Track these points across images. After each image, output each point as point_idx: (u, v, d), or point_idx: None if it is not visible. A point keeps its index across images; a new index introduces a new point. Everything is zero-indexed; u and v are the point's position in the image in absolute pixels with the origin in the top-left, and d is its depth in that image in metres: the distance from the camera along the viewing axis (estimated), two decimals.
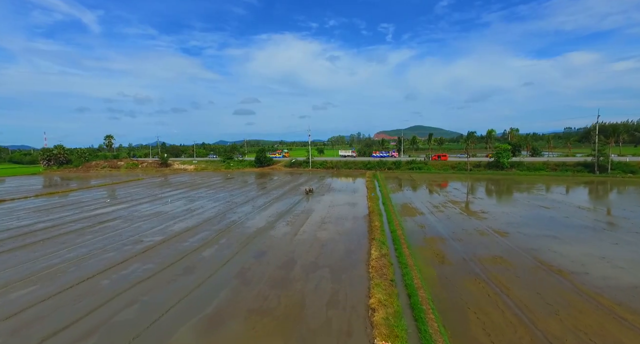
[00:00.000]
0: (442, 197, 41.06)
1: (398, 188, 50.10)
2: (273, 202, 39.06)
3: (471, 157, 72.29)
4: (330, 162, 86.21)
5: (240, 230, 26.81)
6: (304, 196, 44.15)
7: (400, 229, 25.62)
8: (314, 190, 49.94)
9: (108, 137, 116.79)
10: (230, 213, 33.46)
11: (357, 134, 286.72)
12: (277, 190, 49.75)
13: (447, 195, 42.46)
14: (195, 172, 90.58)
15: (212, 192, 48.26)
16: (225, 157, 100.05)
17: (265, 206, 37.10)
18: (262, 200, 40.82)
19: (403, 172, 73.71)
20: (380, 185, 51.42)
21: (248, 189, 50.96)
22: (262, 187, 53.31)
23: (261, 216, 32.07)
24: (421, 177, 63.73)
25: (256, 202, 39.12)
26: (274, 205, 37.41)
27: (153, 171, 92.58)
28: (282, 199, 41.16)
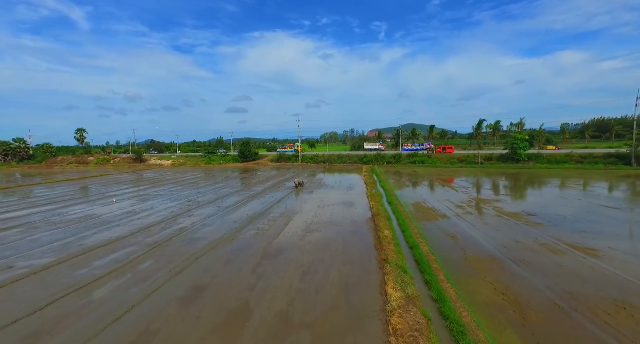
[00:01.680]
0: (462, 194, 32.70)
1: (403, 184, 41.66)
2: (247, 202, 30.26)
3: (481, 150, 64.26)
4: (322, 157, 77.49)
5: (183, 245, 17.94)
6: (292, 191, 35.82)
7: (423, 242, 17.09)
8: (304, 183, 41.74)
9: (80, 131, 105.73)
10: (183, 217, 24.53)
11: (350, 131, 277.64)
12: (257, 186, 40.89)
13: (466, 191, 34.14)
14: (172, 168, 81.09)
15: (176, 190, 39.18)
16: (206, 152, 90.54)
17: (235, 206, 28.28)
18: (233, 199, 31.98)
19: (405, 166, 65.38)
20: (381, 180, 42.93)
21: (222, 186, 42.00)
22: (239, 184, 44.40)
23: (224, 221, 23.23)
24: (427, 172, 55.44)
25: (225, 202, 30.28)
26: (248, 205, 28.62)
27: (125, 167, 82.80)
28: (259, 197, 32.37)
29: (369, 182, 41.29)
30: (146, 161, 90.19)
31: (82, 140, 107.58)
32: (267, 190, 37.77)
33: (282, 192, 36.07)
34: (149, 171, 72.77)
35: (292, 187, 39.06)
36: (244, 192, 36.61)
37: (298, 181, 40.90)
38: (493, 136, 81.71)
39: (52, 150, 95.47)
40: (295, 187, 38.93)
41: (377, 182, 42.74)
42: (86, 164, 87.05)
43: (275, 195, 33.88)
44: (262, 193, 35.40)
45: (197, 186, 42.95)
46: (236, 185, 43.01)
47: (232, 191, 37.71)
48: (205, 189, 39.69)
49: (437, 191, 35.11)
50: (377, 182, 42.59)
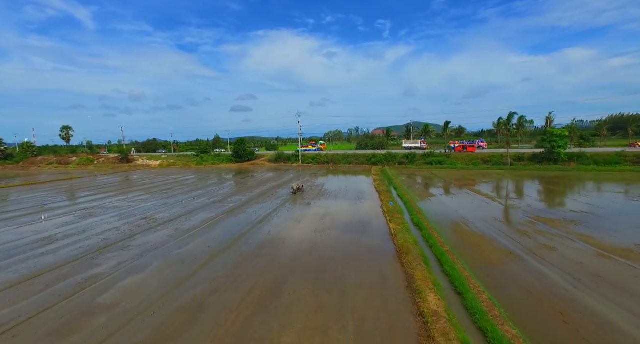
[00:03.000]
0: (511, 209, 24.21)
1: (424, 191, 33.21)
2: (219, 221, 22.14)
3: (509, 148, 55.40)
4: (325, 156, 69.10)
5: (50, 328, 9.79)
6: (285, 201, 27.94)
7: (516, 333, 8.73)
8: (304, 188, 34.80)
9: (65, 128, 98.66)
10: (113, 250, 16.43)
11: (355, 129, 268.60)
12: (242, 194, 32.75)
13: (515, 204, 25.62)
14: (159, 169, 73.41)
15: (140, 200, 31.20)
16: (198, 151, 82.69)
17: (199, 229, 20.18)
18: (203, 215, 23.87)
19: (419, 167, 56.78)
20: (396, 186, 34.57)
21: (199, 194, 33.93)
22: (222, 190, 36.29)
23: (166, 261, 15.06)
24: (447, 174, 46.87)
25: (189, 221, 22.20)
26: (216, 228, 20.49)
27: (108, 168, 75.31)
28: (239, 213, 24.22)
29: (382, 189, 32.91)
30: (133, 161, 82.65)
31: (67, 138, 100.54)
32: (253, 200, 29.59)
33: (272, 202, 27.88)
34: (132, 172, 65.11)
35: (285, 196, 30.91)
36: (222, 203, 28.47)
37: (297, 186, 33.43)
38: (517, 132, 72.46)
39: (34, 149, 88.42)
40: (293, 193, 32.34)
41: (392, 188, 34.40)
42: (67, 164, 79.72)
43: (261, 209, 25.69)
44: (244, 206, 27.22)
45: (170, 193, 34.92)
46: (217, 192, 34.88)
47: (208, 201, 29.59)
48: (177, 198, 31.64)
49: (474, 203, 26.63)
50: (391, 188, 34.24)
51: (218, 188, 38.27)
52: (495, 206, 25.40)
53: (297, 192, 33.19)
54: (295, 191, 33.06)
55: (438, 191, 32.65)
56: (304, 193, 33.11)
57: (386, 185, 36.48)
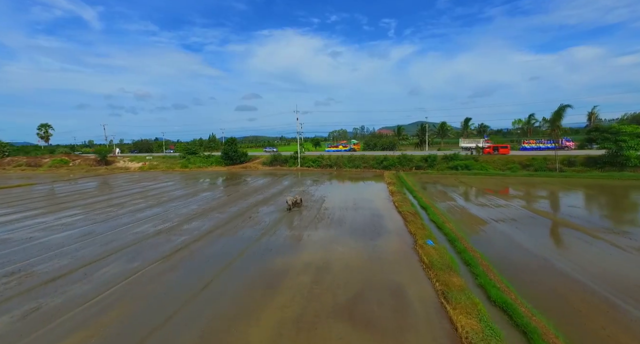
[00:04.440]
0: (635, 253, 14.27)
1: (465, 213, 23.22)
2: (135, 284, 12.54)
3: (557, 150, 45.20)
4: (328, 159, 59.28)
5: None
6: (273, 223, 18.68)
7: None
8: (302, 202, 26.80)
9: (43, 126, 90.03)
10: None
11: (360, 128, 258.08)
12: (212, 214, 23.14)
13: (633, 241, 15.65)
14: (139, 172, 64.37)
15: (61, 224, 21.81)
16: (185, 153, 73.39)
17: (80, 309, 10.60)
18: (121, 264, 14.32)
19: (442, 173, 46.79)
20: (423, 204, 24.80)
21: (155, 213, 24.45)
22: (191, 206, 26.69)
23: None
24: (482, 183, 36.86)
25: (93, 277, 12.74)
26: (122, 302, 10.88)
27: (82, 171, 66.42)
28: (184, 260, 14.61)
29: (406, 209, 23.08)
30: (113, 162, 73.70)
31: (46, 137, 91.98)
32: (219, 228, 19.95)
33: (244, 235, 18.22)
34: (104, 176, 55.99)
35: (268, 221, 21.26)
36: (169, 235, 18.89)
37: (293, 199, 25.64)
38: (551, 131, 61.75)
39: (5, 149, 79.82)
40: (289, 209, 24.98)
41: (417, 206, 24.61)
42: (38, 166, 70.99)
43: (222, 250, 16.09)
44: (200, 240, 17.63)
45: (116, 211, 25.47)
46: (178, 211, 25.29)
47: (152, 230, 20.01)
48: (114, 222, 22.17)
49: (569, 242, 16.74)
50: (417, 207, 24.45)
51: (184, 203, 28.70)
52: (607, 247, 15.44)
53: (293, 207, 25.22)
54: (290, 207, 24.85)
55: (488, 214, 22.66)
56: (302, 210, 23.59)
57: (409, 201, 26.66)
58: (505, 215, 22.07)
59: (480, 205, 25.57)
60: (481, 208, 24.44)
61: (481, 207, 24.69)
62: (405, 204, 25.36)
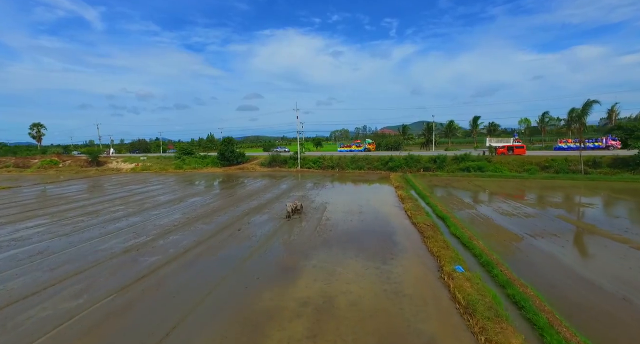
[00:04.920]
0: None
1: (490, 223, 19.75)
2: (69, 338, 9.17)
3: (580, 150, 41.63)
4: (329, 160, 55.84)
5: None
6: (268, 236, 15.84)
7: None
8: (303, 208, 24.15)
9: (35, 126, 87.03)
10: None
11: (362, 127, 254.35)
12: (198, 225, 19.80)
13: None
14: (130, 173, 61.22)
15: (11, 239, 18.50)
16: (180, 153, 70.15)
17: None
18: (56, 304, 10.97)
19: (453, 175, 43.29)
20: (441, 214, 21.38)
21: (131, 223, 21.16)
22: (174, 215, 23.37)
23: None
24: (499, 186, 33.37)
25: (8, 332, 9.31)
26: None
27: (72, 172, 63.33)
28: (149, 293, 11.25)
29: (421, 220, 19.67)
30: (105, 163, 70.61)
31: (38, 137, 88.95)
32: (203, 243, 16.60)
33: (230, 253, 14.88)
34: (94, 178, 52.82)
35: (262, 233, 17.87)
36: (140, 252, 15.59)
37: (292, 205, 22.96)
38: (577, 128, 57.66)
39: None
40: (288, 216, 22.35)
41: (433, 215, 21.21)
42: (26, 167, 67.98)
43: (199, 274, 12.75)
44: (175, 261, 14.32)
45: (88, 221, 22.19)
46: (159, 221, 21.98)
47: (120, 247, 16.69)
48: (79, 236, 18.89)
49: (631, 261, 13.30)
50: (433, 216, 21.06)
51: (168, 211, 25.38)
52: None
53: (293, 214, 22.67)
54: (290, 214, 22.40)
55: (520, 226, 19.18)
56: (301, 219, 20.21)
57: (423, 209, 23.26)
58: (541, 228, 18.59)
59: (507, 214, 22.07)
60: (509, 219, 20.95)
61: (509, 218, 21.20)
62: (419, 213, 21.94)
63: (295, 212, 23.32)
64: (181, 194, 34.27)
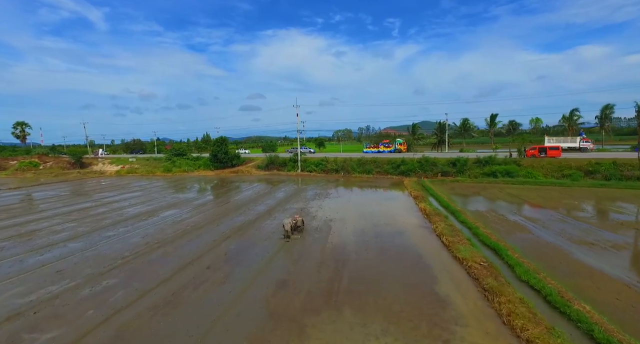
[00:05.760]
0: None
1: (585, 268, 13.73)
2: None
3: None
4: (334, 162, 49.88)
5: None
6: (265, 262, 10.72)
7: None
8: (303, 225, 18.74)
9: (19, 124, 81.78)
10: None
11: (366, 127, 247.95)
12: (151, 262, 13.96)
13: None
14: (115, 177, 55.67)
15: None
16: (171, 154, 64.44)
17: None
18: None
19: (477, 181, 37.22)
20: (492, 244, 15.39)
21: (55, 258, 15.42)
22: (133, 238, 17.60)
23: None
24: (541, 196, 27.28)
25: None
26: None
27: (52, 174, 57.88)
28: None
29: (468, 256, 13.72)
30: (88, 165, 65.12)
31: (22, 137, 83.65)
32: (148, 296, 10.70)
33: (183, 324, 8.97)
34: (69, 182, 47.25)
35: (224, 297, 11.97)
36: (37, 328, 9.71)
37: (291, 222, 17.83)
38: (599, 124, 51.51)
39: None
40: (286, 236, 17.46)
41: (479, 244, 15.25)
42: (3, 169, 62.59)
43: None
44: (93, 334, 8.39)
45: (12, 249, 16.44)
46: (112, 246, 16.24)
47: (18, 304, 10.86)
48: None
49: None
50: (479, 247, 15.13)
51: (127, 231, 19.60)
52: None
53: (291, 234, 17.51)
54: (288, 234, 17.38)
55: (616, 267, 13.15)
56: (303, 239, 14.36)
57: (460, 233, 17.39)
58: None
59: (583, 243, 16.00)
60: (591, 251, 14.89)
61: (589, 249, 15.14)
62: (458, 239, 16.00)
63: (295, 230, 17.97)
64: (156, 205, 28.49)
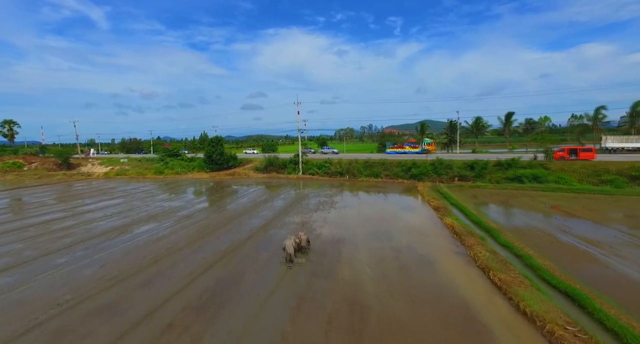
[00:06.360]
0: None
1: None
2: None
3: None
4: (338, 164, 45.69)
5: None
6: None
7: None
8: (309, 245, 15.53)
9: (7, 123, 77.86)
10: None
11: (368, 126, 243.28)
12: (90, 315, 9.91)
13: None
14: (103, 179, 51.82)
15: None
16: (163, 155, 60.42)
17: None
18: None
19: (501, 187, 32.96)
20: (567, 289, 11.22)
21: None
22: (85, 271, 13.62)
23: None
24: (585, 206, 23.06)
25: None
26: None
27: (36, 176, 54.03)
28: None
29: (538, 308, 9.62)
30: (77, 166, 61.25)
31: (10, 136, 79.80)
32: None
33: None
34: (51, 186, 43.34)
35: None
36: None
37: (295, 242, 14.18)
38: (630, 127, 47.08)
39: None
40: (288, 260, 13.82)
41: (541, 284, 11.13)
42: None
43: None
44: None
45: None
46: (64, 280, 12.20)
47: None
48: None
49: None
50: (539, 285, 11.04)
51: (83, 257, 15.60)
52: None
53: (294, 258, 13.93)
54: (290, 258, 13.82)
55: None
56: (308, 271, 10.30)
57: (511, 265, 13.30)
58: None
59: None
60: None
61: None
62: (513, 279, 11.90)
63: (300, 251, 14.71)
64: (134, 217, 24.44)
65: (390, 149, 59.02)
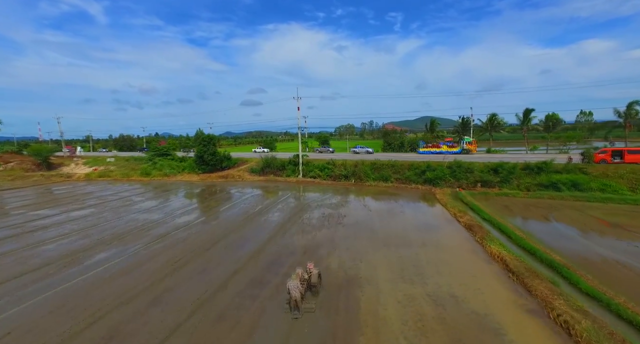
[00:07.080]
0: None
1: None
2: None
3: None
4: (342, 166, 40.87)
5: None
6: None
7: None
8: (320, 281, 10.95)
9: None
10: None
11: (369, 123, 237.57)
12: None
13: None
14: (84, 181, 47.05)
15: None
16: (152, 154, 55.50)
17: None
18: None
19: (534, 196, 28.22)
20: None
21: None
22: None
23: None
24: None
25: None
26: None
27: (10, 178, 49.20)
28: None
29: None
30: (58, 166, 56.48)
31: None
32: None
33: None
34: (20, 190, 38.61)
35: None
36: None
37: (301, 280, 10.10)
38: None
39: None
40: (295, 308, 9.72)
41: None
42: None
43: None
44: None
45: None
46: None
47: None
48: None
49: None
50: None
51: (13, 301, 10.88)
52: None
53: (300, 305, 9.90)
54: (296, 304, 9.87)
55: None
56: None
57: (608, 327, 8.44)
58: None
59: None
60: None
61: None
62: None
63: (311, 288, 11.10)
64: (96, 237, 19.74)
65: (424, 148, 52.01)
